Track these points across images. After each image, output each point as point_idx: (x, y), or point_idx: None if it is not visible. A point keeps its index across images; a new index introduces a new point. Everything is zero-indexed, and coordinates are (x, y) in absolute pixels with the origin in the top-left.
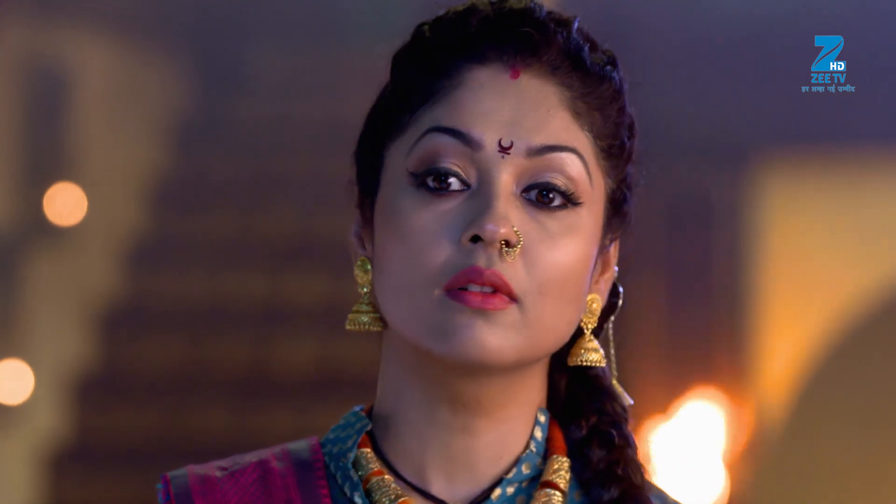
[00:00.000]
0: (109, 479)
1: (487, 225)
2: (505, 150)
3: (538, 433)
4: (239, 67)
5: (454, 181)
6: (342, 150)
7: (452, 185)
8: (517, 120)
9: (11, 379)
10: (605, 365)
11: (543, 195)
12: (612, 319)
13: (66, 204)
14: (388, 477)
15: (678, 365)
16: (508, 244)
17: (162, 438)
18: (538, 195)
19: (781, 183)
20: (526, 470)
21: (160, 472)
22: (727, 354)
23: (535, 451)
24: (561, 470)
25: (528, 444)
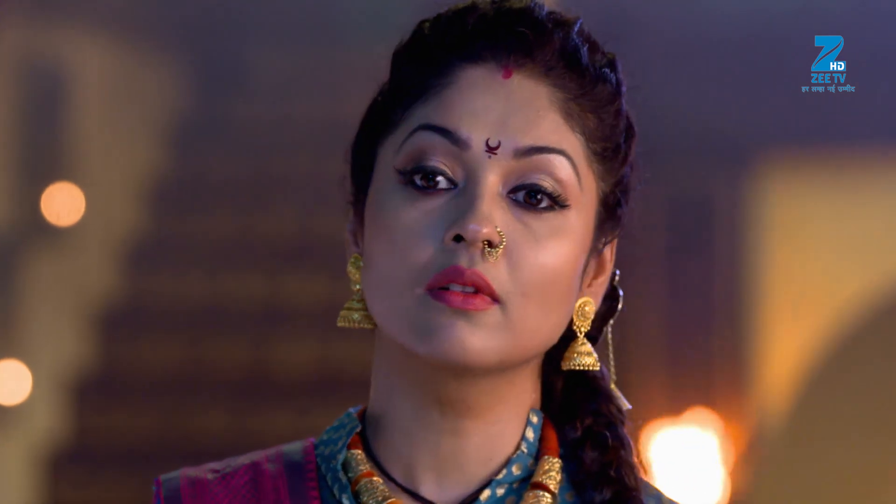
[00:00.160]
0: (108, 479)
1: (470, 225)
2: (492, 150)
3: (530, 434)
4: (238, 67)
5: (441, 180)
6: (342, 150)
7: (440, 183)
8: (506, 120)
9: (10, 379)
10: (598, 368)
11: (531, 196)
12: (611, 323)
13: (64, 204)
14: (376, 479)
15: (678, 366)
16: (491, 244)
17: (161, 439)
18: (525, 196)
19: (781, 183)
20: (517, 471)
21: (159, 472)
22: (728, 356)
23: (526, 451)
24: (551, 471)
25: (519, 445)
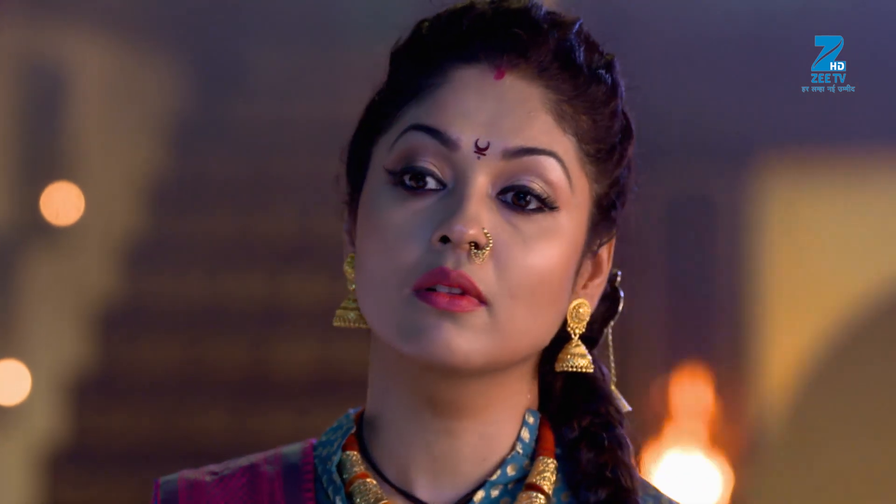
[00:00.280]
0: (107, 480)
1: (455, 226)
2: (481, 150)
3: (525, 434)
4: (238, 67)
5: (430, 180)
6: (341, 150)
7: (429, 184)
8: (496, 121)
9: (9, 379)
10: (592, 370)
11: (520, 198)
12: (611, 324)
13: (63, 203)
14: (370, 480)
15: (679, 365)
16: (477, 246)
17: (160, 440)
18: (514, 198)
19: (781, 183)
20: (511, 471)
21: (158, 473)
22: (728, 355)
23: (521, 452)
24: (546, 472)
25: (514, 445)
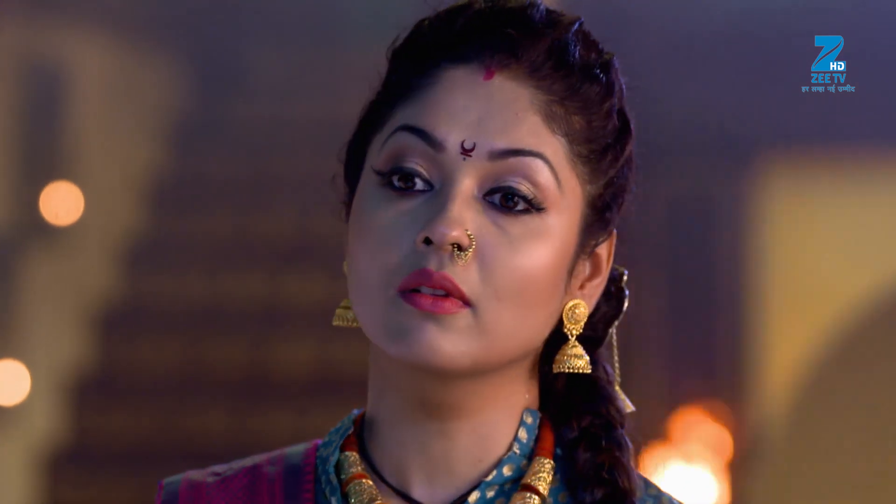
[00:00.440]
0: (106, 480)
1: (438, 227)
2: (467, 152)
3: (523, 434)
4: (238, 67)
5: (418, 181)
6: (341, 150)
7: (417, 185)
8: (483, 122)
9: (8, 379)
10: (589, 371)
11: (507, 199)
12: (615, 324)
13: (62, 203)
14: (366, 480)
15: (679, 366)
16: (460, 248)
17: (159, 440)
18: (501, 199)
19: (781, 183)
20: (508, 472)
21: (157, 473)
22: (729, 355)
23: (518, 452)
24: (542, 472)
25: (511, 445)
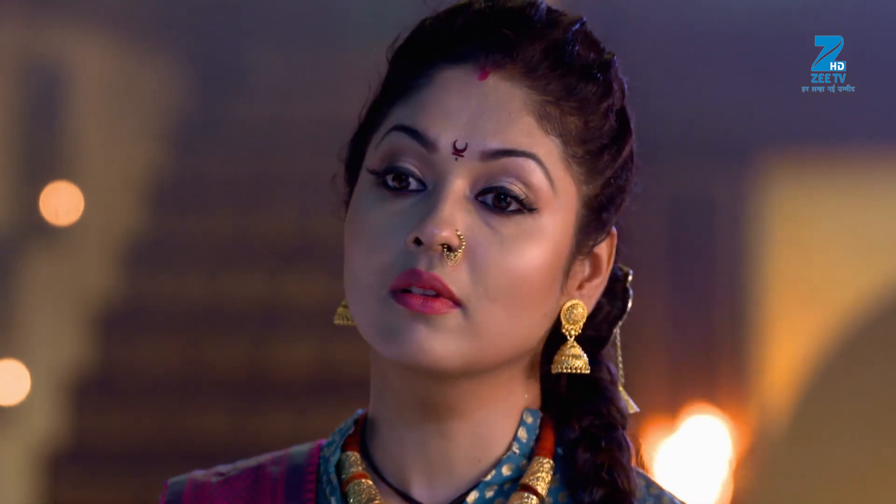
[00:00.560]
0: (106, 480)
1: (427, 228)
2: (458, 152)
3: (523, 434)
4: (238, 67)
5: (412, 181)
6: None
7: (411, 185)
8: (476, 122)
9: (8, 379)
10: (588, 371)
11: (500, 200)
12: (619, 324)
13: (62, 203)
14: (365, 480)
15: (680, 365)
16: (450, 248)
17: (159, 440)
18: (494, 199)
19: (781, 183)
20: (507, 471)
21: (157, 473)
22: (730, 355)
23: (518, 452)
24: (540, 472)
25: (510, 445)
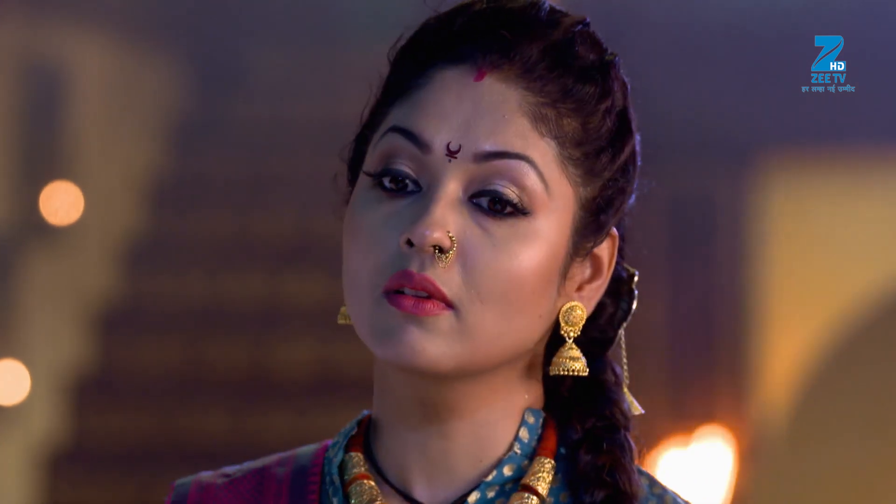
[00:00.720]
0: (106, 480)
1: (418, 229)
2: (452, 154)
3: (524, 434)
4: (238, 67)
5: (408, 183)
6: (341, 150)
7: (408, 186)
8: (470, 124)
9: (8, 379)
10: (586, 374)
11: (494, 203)
12: (623, 326)
13: (62, 203)
14: (367, 481)
15: (680, 365)
16: (441, 250)
17: (159, 440)
18: (490, 203)
19: (781, 183)
20: (508, 472)
21: (157, 474)
22: (730, 355)
23: (519, 452)
24: (541, 472)
25: (511, 445)
